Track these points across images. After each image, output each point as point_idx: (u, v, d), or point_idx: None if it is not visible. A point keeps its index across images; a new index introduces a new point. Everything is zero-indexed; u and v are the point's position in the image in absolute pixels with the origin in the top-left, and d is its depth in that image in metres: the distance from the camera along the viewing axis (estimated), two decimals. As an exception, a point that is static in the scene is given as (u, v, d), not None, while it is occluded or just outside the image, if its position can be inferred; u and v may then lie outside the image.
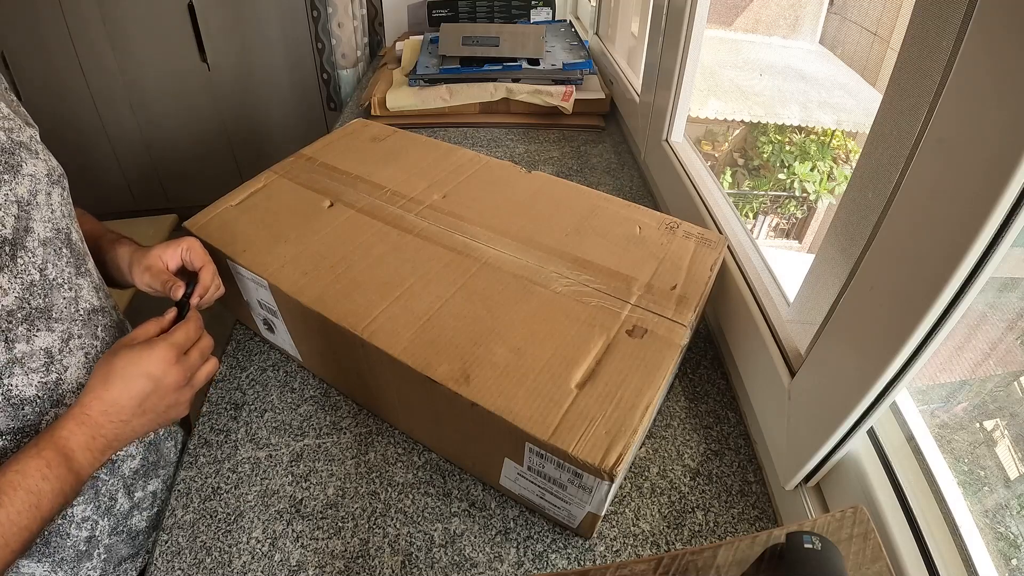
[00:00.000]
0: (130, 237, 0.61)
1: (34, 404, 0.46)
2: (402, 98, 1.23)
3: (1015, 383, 0.64)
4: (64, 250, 0.49)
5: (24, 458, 0.40)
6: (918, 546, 0.41)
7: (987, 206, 0.30)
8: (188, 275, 0.57)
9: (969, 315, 0.36)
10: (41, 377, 0.46)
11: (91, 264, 0.54)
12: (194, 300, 0.54)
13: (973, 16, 0.31)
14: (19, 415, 0.45)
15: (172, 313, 0.52)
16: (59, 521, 0.49)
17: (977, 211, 0.31)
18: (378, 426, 0.63)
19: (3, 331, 0.43)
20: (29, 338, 0.45)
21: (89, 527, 0.52)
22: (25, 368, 0.45)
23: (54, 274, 0.47)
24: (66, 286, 0.49)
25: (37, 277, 0.46)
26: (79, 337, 0.50)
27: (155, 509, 0.59)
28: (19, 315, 0.44)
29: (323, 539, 0.53)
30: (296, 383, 0.68)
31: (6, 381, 0.44)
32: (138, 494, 0.56)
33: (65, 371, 0.48)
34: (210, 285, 0.56)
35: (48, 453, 0.41)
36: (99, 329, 0.52)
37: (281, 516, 0.55)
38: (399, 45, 1.47)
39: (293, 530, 0.54)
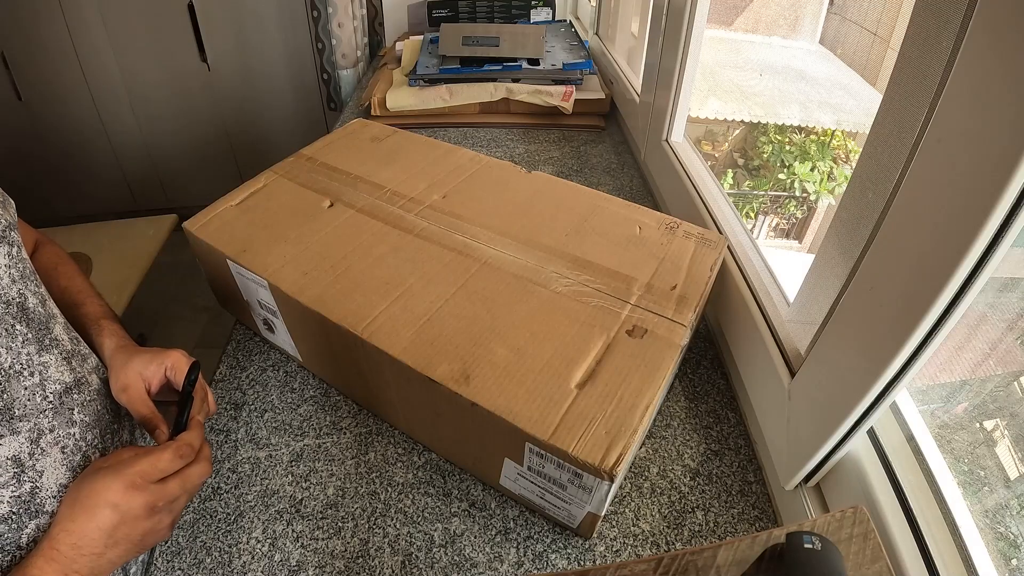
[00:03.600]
0: (115, 316, 0.54)
1: (9, 522, 0.39)
2: (402, 98, 1.23)
3: (1015, 383, 0.64)
4: (19, 327, 0.41)
5: None
6: (918, 546, 0.41)
7: (987, 206, 0.30)
8: (173, 393, 0.51)
9: (969, 315, 0.36)
10: (12, 491, 0.39)
11: (58, 328, 0.46)
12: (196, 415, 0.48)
13: (973, 16, 0.31)
14: None
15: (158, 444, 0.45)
16: None
17: (977, 211, 0.31)
18: (378, 426, 0.63)
19: None
20: None
21: None
22: None
23: (9, 361, 0.40)
24: (26, 371, 0.41)
25: None
26: (51, 431, 0.42)
27: (150, 557, 0.54)
28: None
29: (323, 539, 0.53)
30: (296, 383, 0.68)
31: None
32: (132, 568, 0.52)
33: (40, 476, 0.41)
34: (201, 407, 0.50)
35: None
36: (75, 411, 0.45)
37: (281, 516, 0.55)
38: (399, 45, 1.47)
39: (293, 530, 0.54)
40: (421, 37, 1.45)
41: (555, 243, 0.63)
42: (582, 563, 0.52)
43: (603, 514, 0.49)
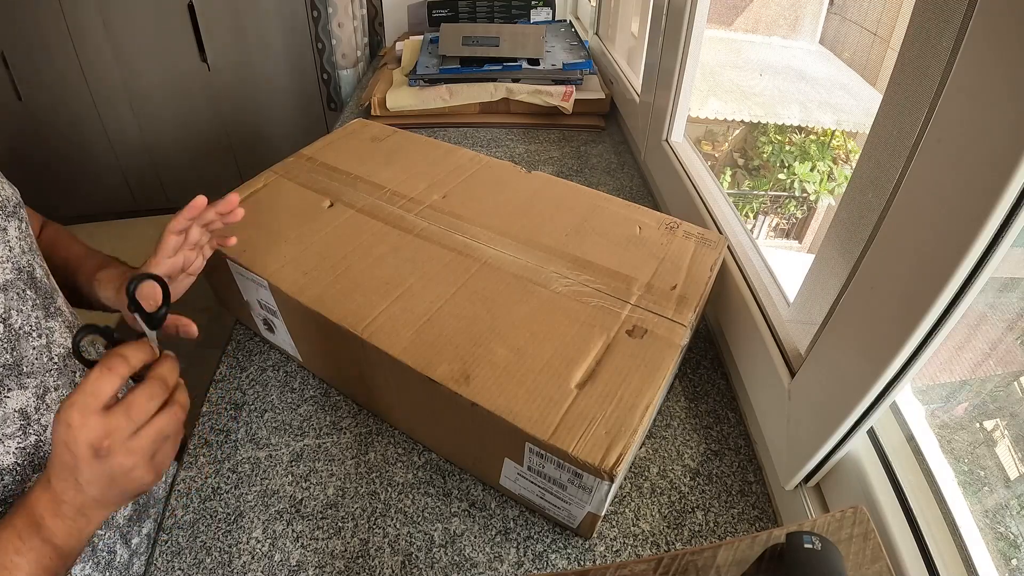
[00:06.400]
0: (112, 261, 0.58)
1: (13, 473, 0.41)
2: (402, 98, 1.23)
3: (1015, 383, 0.65)
4: (28, 292, 0.44)
5: None
6: (918, 546, 0.41)
7: (987, 206, 0.30)
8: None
9: (969, 315, 0.36)
10: (18, 443, 0.42)
11: (61, 300, 0.50)
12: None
13: (973, 16, 0.31)
14: None
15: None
16: None
17: (977, 211, 0.31)
18: (378, 426, 0.63)
19: None
20: (0, 400, 0.41)
21: None
22: (0, 435, 0.41)
23: (20, 322, 0.43)
24: (35, 333, 0.44)
25: (0, 329, 0.41)
26: (56, 389, 0.45)
27: (152, 551, 0.56)
28: None
29: (323, 539, 0.53)
30: (296, 383, 0.68)
31: None
32: (135, 540, 0.54)
33: (44, 431, 0.43)
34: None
35: (19, 521, 0.37)
36: (77, 375, 0.48)
37: (281, 516, 0.55)
38: (399, 45, 1.47)
39: (293, 530, 0.54)
40: (421, 37, 1.45)
41: (555, 243, 0.63)
42: (582, 563, 0.52)
43: (603, 514, 0.49)
